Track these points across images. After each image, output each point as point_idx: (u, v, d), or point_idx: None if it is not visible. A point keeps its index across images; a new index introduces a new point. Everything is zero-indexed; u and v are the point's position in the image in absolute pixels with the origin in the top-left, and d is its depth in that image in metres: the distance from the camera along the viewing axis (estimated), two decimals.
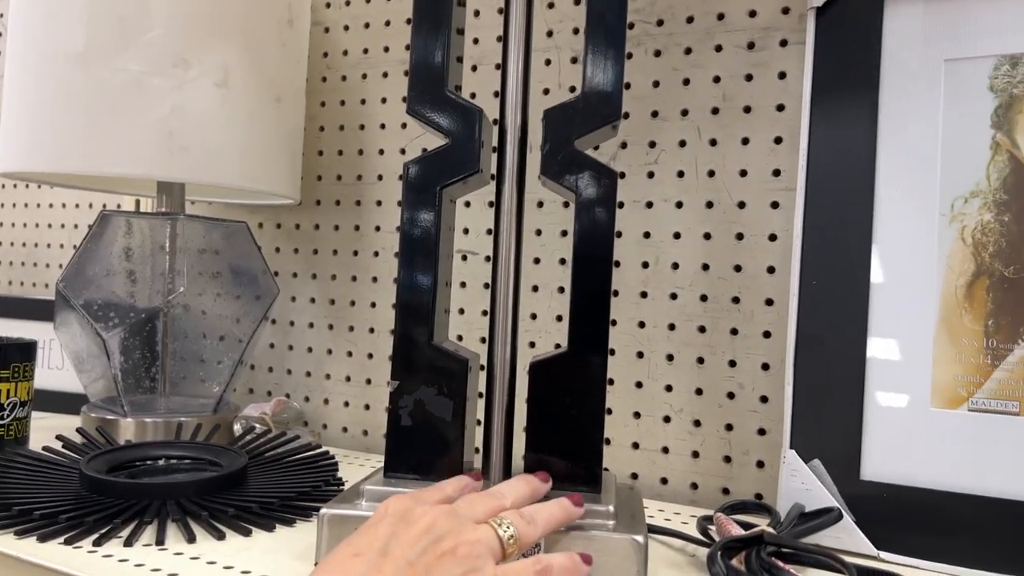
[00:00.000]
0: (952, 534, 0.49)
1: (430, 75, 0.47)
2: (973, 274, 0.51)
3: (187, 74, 0.63)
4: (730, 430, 0.63)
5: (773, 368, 0.61)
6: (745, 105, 0.63)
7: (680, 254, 0.65)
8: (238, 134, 0.66)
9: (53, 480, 0.54)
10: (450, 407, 0.47)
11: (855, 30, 0.56)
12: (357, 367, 0.79)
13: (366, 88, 0.79)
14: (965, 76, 0.53)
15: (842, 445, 0.53)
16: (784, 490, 0.53)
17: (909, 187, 0.53)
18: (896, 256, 0.53)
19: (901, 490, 0.51)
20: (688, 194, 0.64)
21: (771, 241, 0.62)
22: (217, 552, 0.45)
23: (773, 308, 0.61)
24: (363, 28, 0.79)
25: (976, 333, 0.51)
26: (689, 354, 0.64)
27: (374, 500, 0.45)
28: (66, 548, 0.44)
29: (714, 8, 0.64)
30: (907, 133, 0.54)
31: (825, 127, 0.56)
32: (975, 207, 0.51)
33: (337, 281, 0.80)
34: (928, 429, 0.51)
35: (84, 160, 0.62)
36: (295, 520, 0.51)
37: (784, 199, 0.61)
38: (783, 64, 0.61)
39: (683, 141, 0.65)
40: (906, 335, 0.52)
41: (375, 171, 0.78)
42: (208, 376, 0.74)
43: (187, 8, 0.63)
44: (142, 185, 0.82)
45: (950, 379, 0.51)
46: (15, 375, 0.63)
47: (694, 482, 0.64)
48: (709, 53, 0.64)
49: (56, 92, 0.62)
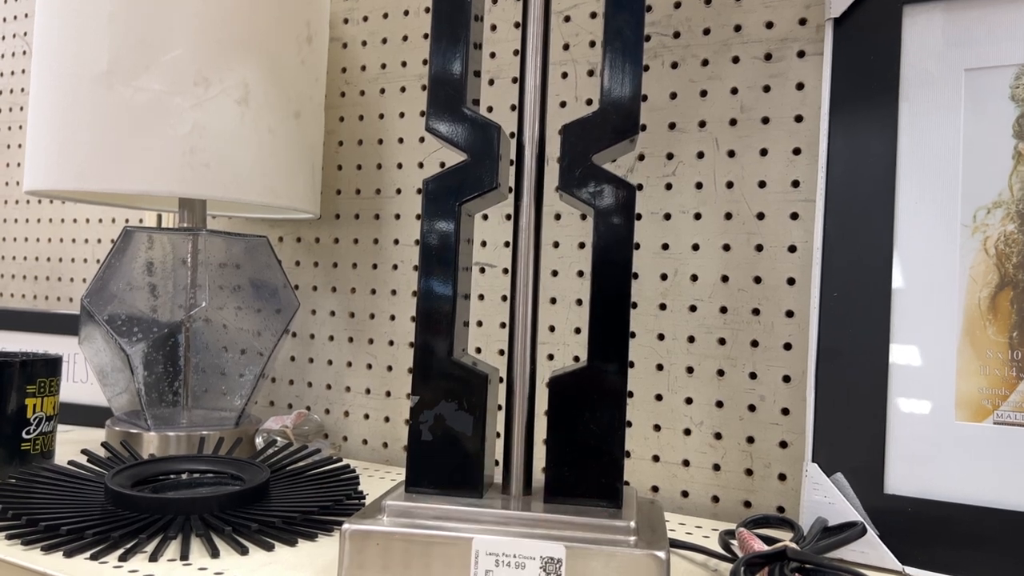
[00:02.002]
0: (978, 548, 0.48)
1: (448, 92, 0.47)
2: (997, 285, 0.51)
3: (208, 92, 0.64)
4: (751, 443, 0.62)
5: (794, 380, 0.61)
6: (763, 116, 0.62)
7: (699, 266, 0.64)
8: (258, 150, 0.67)
9: (79, 495, 0.54)
10: (470, 422, 0.47)
11: (873, 40, 0.55)
12: (377, 379, 0.79)
13: (384, 103, 0.80)
14: (985, 85, 0.52)
15: (865, 458, 0.52)
16: (807, 504, 0.53)
17: (930, 198, 0.53)
18: (918, 267, 0.53)
19: (926, 504, 0.50)
20: (706, 206, 0.64)
21: (791, 252, 0.61)
22: (241, 567, 0.45)
23: (794, 320, 0.61)
24: (381, 43, 0.80)
25: (1000, 345, 0.50)
26: (709, 366, 0.64)
27: (396, 515, 0.45)
28: (92, 563, 0.45)
29: (731, 20, 0.64)
30: (927, 143, 0.53)
31: (844, 138, 0.56)
32: (998, 218, 0.51)
33: (356, 294, 0.81)
34: (953, 442, 0.50)
35: (108, 178, 0.63)
36: (317, 535, 0.51)
37: (804, 210, 0.61)
38: (801, 75, 0.61)
39: (701, 153, 0.65)
40: (929, 347, 0.52)
41: (394, 185, 0.79)
42: (230, 389, 0.75)
43: (207, 28, 0.64)
44: (164, 200, 0.83)
45: (974, 391, 0.50)
46: (41, 390, 0.64)
47: (715, 495, 0.63)
48: (726, 65, 0.64)
49: (80, 112, 0.63)
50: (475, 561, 0.43)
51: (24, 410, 0.63)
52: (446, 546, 0.43)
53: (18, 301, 1.06)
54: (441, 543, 0.43)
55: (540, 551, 0.42)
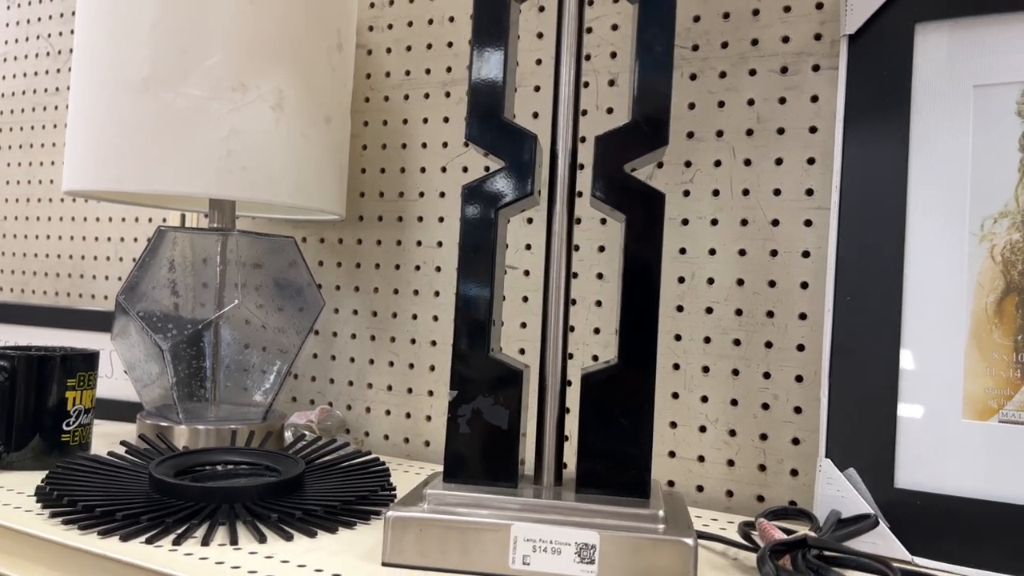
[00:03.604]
0: (984, 540, 0.51)
1: (488, 103, 0.50)
2: (1003, 291, 0.53)
3: (245, 98, 0.66)
4: (765, 440, 0.65)
5: (807, 380, 0.64)
6: (778, 127, 0.65)
7: (715, 270, 0.67)
8: (292, 154, 0.69)
9: (124, 483, 0.57)
10: (506, 416, 0.49)
11: (886, 56, 0.58)
12: (399, 377, 0.82)
13: (408, 108, 0.82)
14: (993, 101, 0.55)
15: (876, 454, 0.55)
16: (820, 497, 0.56)
17: (940, 207, 0.56)
18: (927, 273, 0.55)
19: (934, 498, 0.53)
20: (723, 212, 0.67)
21: (804, 258, 0.64)
22: (288, 552, 0.48)
23: (806, 322, 0.64)
24: (405, 51, 0.82)
25: (1006, 348, 0.53)
26: (724, 366, 0.67)
27: (436, 503, 0.47)
28: (147, 547, 0.47)
29: (748, 34, 0.66)
30: (938, 155, 0.56)
31: (858, 149, 0.58)
32: (1004, 227, 0.54)
33: (379, 294, 0.83)
34: (959, 439, 0.53)
35: (149, 179, 0.65)
36: (355, 523, 0.54)
37: (817, 217, 0.64)
38: (815, 88, 0.64)
39: (718, 161, 0.67)
40: (938, 349, 0.55)
41: (417, 188, 0.81)
42: (257, 386, 0.77)
43: (245, 36, 0.66)
44: (193, 201, 0.85)
45: (980, 392, 0.53)
46: (81, 383, 0.67)
47: (729, 490, 0.66)
48: (743, 77, 0.67)
49: (122, 115, 0.66)
50: (513, 547, 0.45)
51: (64, 403, 0.66)
52: (486, 532, 0.46)
53: (40, 298, 1.08)
54: (481, 529, 0.46)
55: (575, 538, 0.45)
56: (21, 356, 0.64)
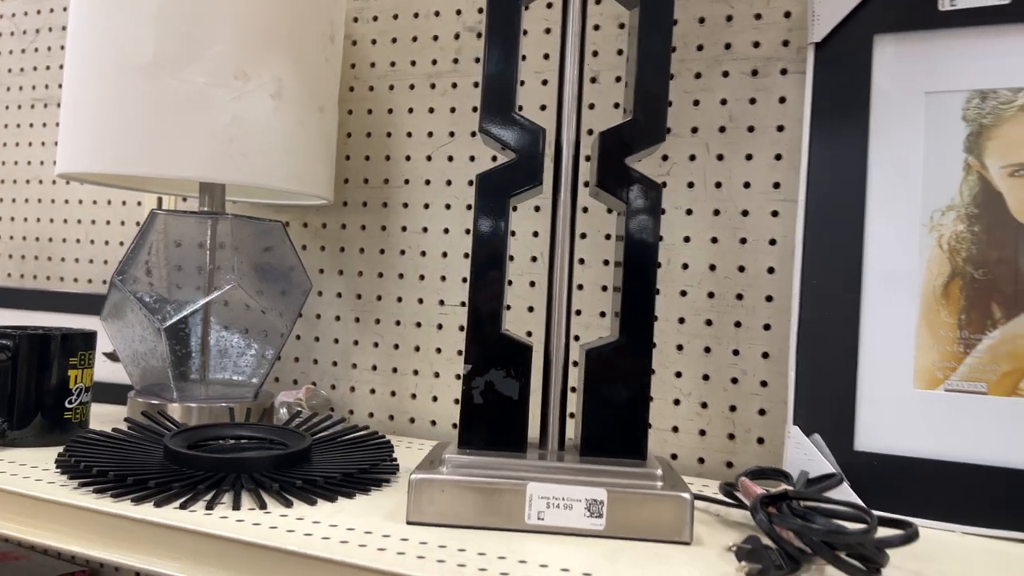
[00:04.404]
0: (932, 495, 0.58)
1: (500, 98, 0.54)
2: (948, 276, 0.60)
3: (247, 86, 0.69)
4: (733, 411, 0.71)
5: (772, 356, 0.70)
6: (749, 125, 0.71)
7: (689, 256, 0.73)
8: (289, 141, 0.72)
9: (140, 455, 0.59)
10: (517, 387, 0.54)
11: (849, 63, 0.64)
12: (384, 357, 0.85)
13: (393, 98, 0.85)
14: (942, 107, 0.62)
15: (838, 421, 0.61)
16: (789, 460, 0.62)
17: (895, 201, 0.62)
18: (883, 259, 0.62)
19: (889, 459, 0.60)
20: (697, 203, 0.73)
21: (771, 245, 0.70)
22: (315, 515, 0.51)
23: (772, 304, 0.70)
24: (390, 43, 0.85)
25: (951, 326, 0.60)
26: (697, 344, 0.72)
27: (455, 467, 0.51)
28: (181, 512, 0.50)
29: (722, 39, 0.72)
30: (893, 154, 0.63)
31: (823, 147, 0.65)
32: (951, 219, 0.61)
33: (364, 277, 0.86)
34: (911, 407, 0.60)
35: (152, 163, 0.67)
36: (370, 489, 0.57)
37: (783, 208, 0.70)
38: (783, 90, 0.70)
39: (693, 155, 0.73)
40: (892, 327, 0.61)
41: (402, 176, 0.85)
42: (248, 365, 0.80)
43: (246, 25, 0.69)
44: (178, 184, 0.86)
45: (929, 364, 0.60)
46: (82, 362, 0.68)
47: (701, 457, 0.72)
48: (717, 78, 0.72)
49: (124, 100, 0.67)
50: (529, 504, 0.50)
51: (67, 381, 0.67)
52: (503, 492, 0.50)
53: (3, 279, 1.07)
54: (499, 489, 0.50)
55: (585, 495, 0.50)
56: (23, 335, 0.66)
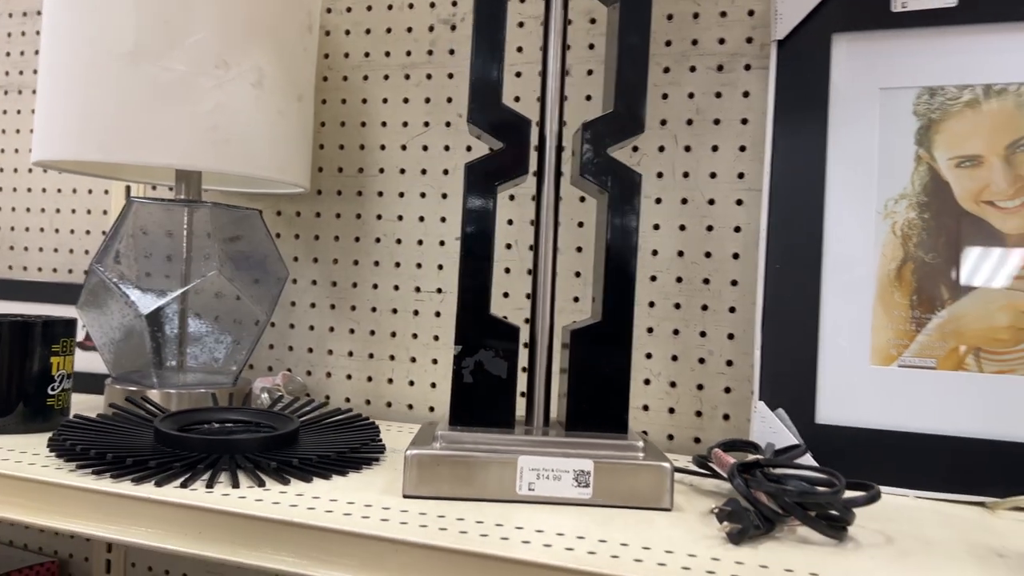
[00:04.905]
0: (888, 462, 0.62)
1: (488, 90, 0.56)
2: (901, 260, 0.65)
3: (228, 74, 0.70)
4: (701, 389, 0.75)
5: (737, 337, 0.74)
6: (715, 118, 0.75)
7: (659, 243, 0.76)
8: (270, 129, 0.73)
9: (131, 438, 0.60)
10: (505, 367, 0.56)
11: (809, 60, 0.68)
12: (360, 343, 0.87)
13: (367, 88, 0.87)
14: (895, 102, 0.66)
15: (800, 396, 0.66)
16: (756, 433, 0.66)
17: (852, 190, 0.67)
18: (842, 245, 0.66)
19: (848, 430, 0.64)
20: (666, 192, 0.76)
21: (736, 232, 0.74)
22: (314, 491, 0.53)
23: (737, 288, 0.74)
24: (364, 33, 0.87)
25: (904, 306, 0.65)
26: (666, 327, 0.76)
27: (448, 442, 0.54)
28: (183, 490, 0.51)
29: (689, 35, 0.75)
30: (850, 146, 0.67)
31: (785, 139, 0.69)
32: (903, 207, 0.65)
33: (339, 265, 0.88)
34: (867, 382, 0.65)
35: (134, 151, 0.67)
36: (362, 467, 0.59)
37: (747, 197, 0.74)
38: (747, 85, 0.74)
39: (662, 147, 0.76)
40: (850, 307, 0.66)
41: (376, 165, 0.86)
42: (227, 352, 0.80)
43: (227, 14, 0.69)
44: (154, 172, 0.86)
45: (884, 342, 0.65)
46: (64, 349, 0.68)
47: (670, 434, 0.76)
48: (685, 73, 0.76)
49: (105, 87, 0.67)
50: (520, 475, 0.53)
51: (49, 368, 0.67)
52: (495, 465, 0.53)
53: None
54: (491, 462, 0.53)
55: (573, 466, 0.53)
56: (5, 322, 0.66)
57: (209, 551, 0.48)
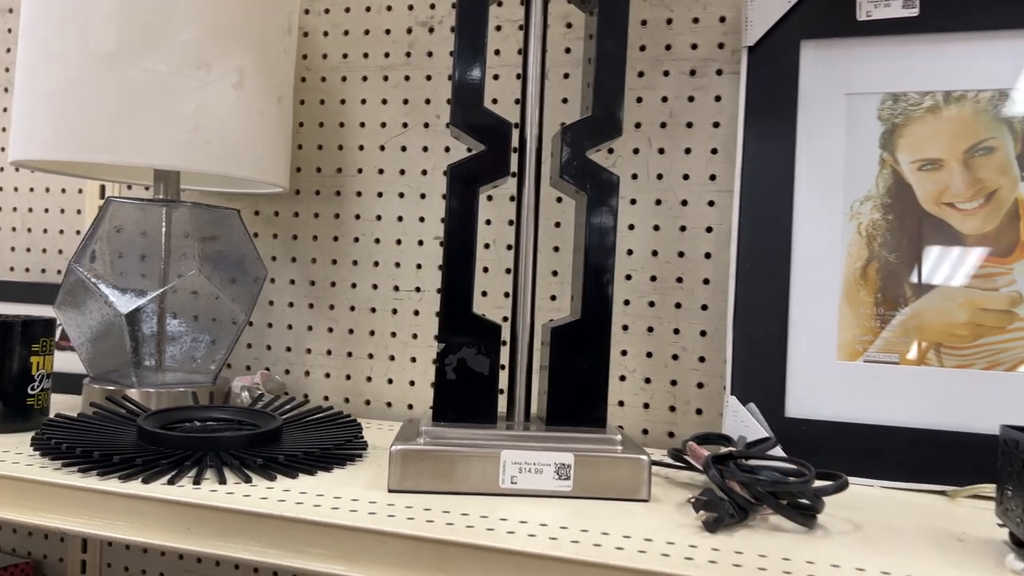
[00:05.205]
0: (853, 453, 0.65)
1: (470, 94, 0.58)
2: (867, 259, 0.68)
3: (209, 75, 0.70)
4: (674, 385, 0.77)
5: (709, 334, 0.76)
6: (688, 121, 0.77)
7: (634, 242, 0.78)
8: (251, 130, 0.73)
9: (115, 437, 0.60)
10: (487, 363, 0.58)
11: (778, 66, 0.71)
12: (338, 342, 0.88)
13: (346, 89, 0.88)
14: (860, 107, 0.69)
15: (770, 390, 0.68)
16: (728, 427, 0.68)
17: (820, 191, 0.69)
18: (810, 245, 0.69)
19: (816, 423, 0.66)
20: (640, 193, 0.78)
21: (708, 232, 0.76)
22: (300, 487, 0.54)
23: (709, 286, 0.76)
24: (342, 35, 0.88)
25: (869, 304, 0.67)
26: (641, 324, 0.78)
27: (432, 438, 0.55)
28: (169, 487, 0.52)
29: (663, 40, 0.77)
30: (818, 149, 0.69)
31: (755, 142, 0.71)
32: (868, 208, 0.68)
33: (317, 264, 0.89)
34: (834, 376, 0.67)
35: (117, 151, 0.68)
36: (346, 463, 0.60)
37: (719, 199, 0.76)
38: (719, 89, 0.76)
39: (636, 149, 0.78)
40: (818, 305, 0.68)
41: (355, 165, 0.87)
42: (206, 351, 0.81)
43: (208, 15, 0.70)
44: (130, 172, 0.86)
45: (850, 338, 0.67)
46: (43, 349, 0.68)
47: (645, 428, 0.78)
48: (659, 77, 0.78)
49: (87, 88, 0.68)
50: (503, 469, 0.54)
51: (29, 368, 0.67)
52: (479, 459, 0.54)
53: None
54: (475, 457, 0.54)
55: (554, 459, 0.54)
56: None
57: (198, 546, 0.49)
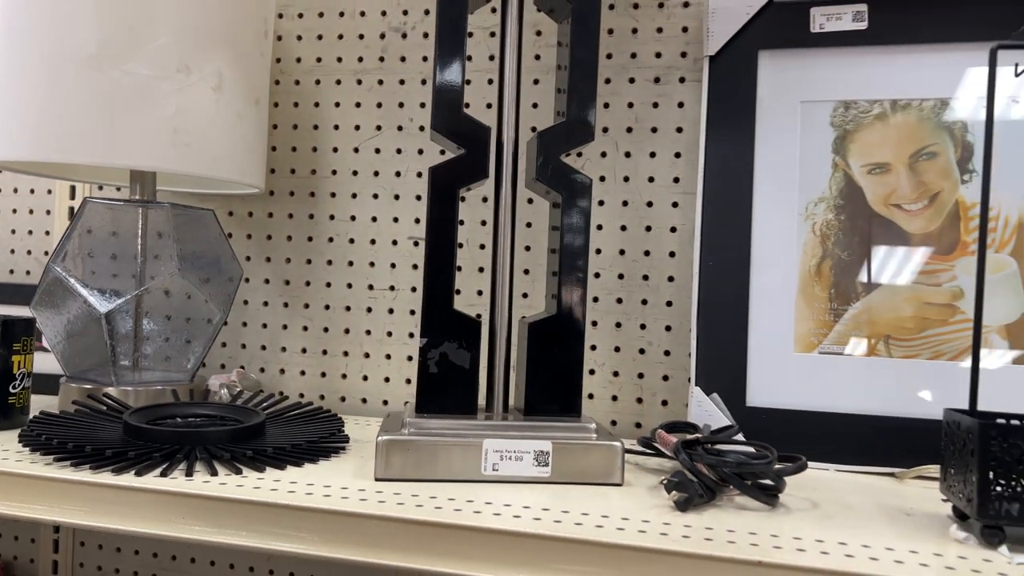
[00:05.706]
0: (810, 439, 0.69)
1: (450, 100, 0.60)
2: (821, 257, 0.72)
3: (189, 79, 0.71)
4: (641, 378, 0.81)
5: (674, 329, 0.80)
6: (652, 126, 0.80)
7: (602, 242, 0.82)
8: (229, 132, 0.75)
9: (102, 433, 0.61)
10: (468, 358, 0.60)
11: (738, 75, 0.75)
12: (313, 340, 0.89)
13: (320, 93, 0.89)
14: (814, 114, 0.73)
15: (732, 381, 0.72)
16: (693, 417, 0.72)
17: (777, 193, 0.73)
18: (768, 244, 0.73)
19: (775, 412, 0.71)
20: (608, 195, 0.81)
21: (672, 232, 0.80)
22: (289, 477, 0.56)
23: (674, 283, 0.80)
24: (316, 39, 0.89)
25: (823, 299, 0.72)
26: (609, 320, 0.81)
27: (417, 428, 0.58)
28: (162, 479, 0.53)
29: (629, 48, 0.81)
30: (775, 153, 0.74)
31: (716, 147, 0.75)
32: (822, 209, 0.72)
33: (292, 264, 0.90)
34: (792, 368, 0.71)
35: (96, 152, 0.69)
36: (330, 455, 0.62)
37: (682, 200, 0.80)
38: (682, 96, 0.80)
39: (604, 152, 0.82)
40: (776, 300, 0.72)
41: (329, 166, 0.89)
42: (183, 350, 0.82)
43: (188, 19, 0.71)
44: (105, 173, 0.87)
45: (806, 332, 0.72)
46: (24, 348, 0.69)
47: (613, 419, 0.81)
48: (624, 84, 0.81)
49: (67, 90, 0.68)
50: (485, 457, 0.57)
51: (11, 367, 0.68)
52: (461, 448, 0.57)
53: None
54: (457, 445, 0.57)
55: (533, 447, 0.57)
56: None
57: (193, 534, 0.51)
